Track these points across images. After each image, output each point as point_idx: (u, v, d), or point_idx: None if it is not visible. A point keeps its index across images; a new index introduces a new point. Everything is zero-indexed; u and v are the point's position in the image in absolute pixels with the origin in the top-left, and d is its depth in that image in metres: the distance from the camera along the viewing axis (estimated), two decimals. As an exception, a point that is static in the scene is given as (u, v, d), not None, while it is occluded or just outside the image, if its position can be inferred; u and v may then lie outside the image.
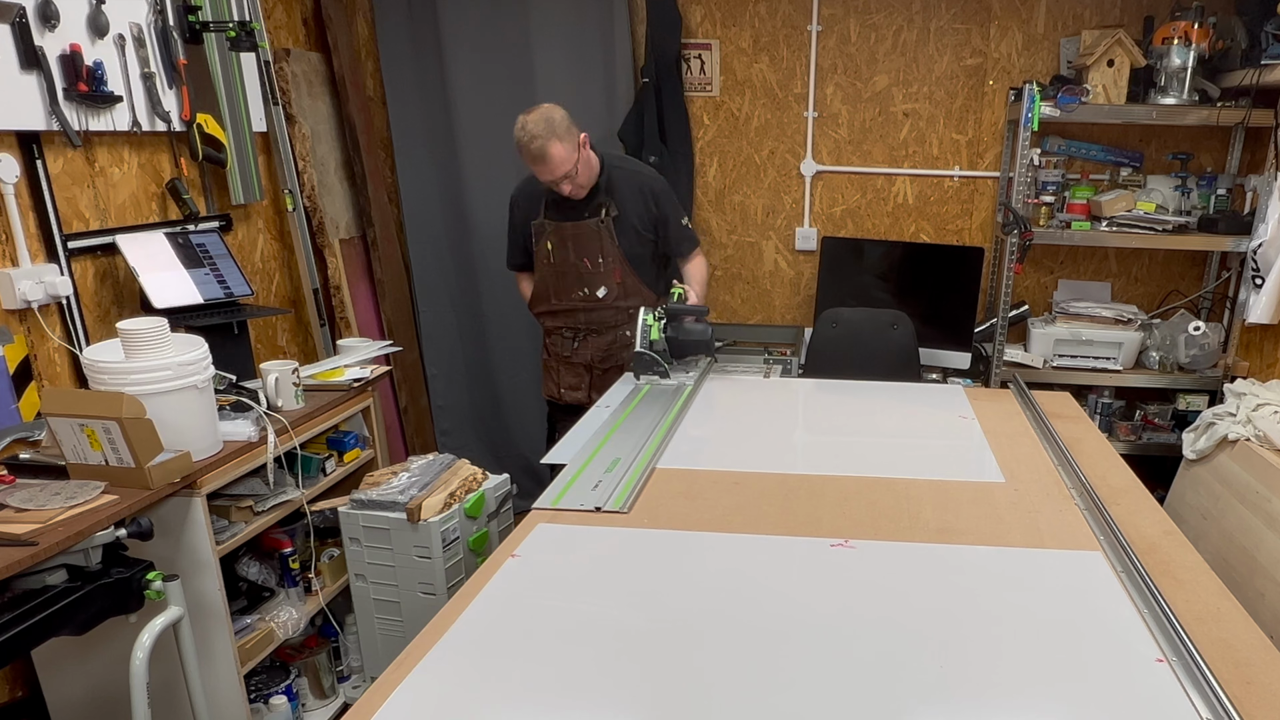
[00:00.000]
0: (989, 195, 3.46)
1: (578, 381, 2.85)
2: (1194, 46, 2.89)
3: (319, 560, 2.48)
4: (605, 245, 2.68)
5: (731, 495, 1.82)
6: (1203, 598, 1.43)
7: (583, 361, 2.83)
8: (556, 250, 2.72)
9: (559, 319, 2.84)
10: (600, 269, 2.71)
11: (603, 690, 1.20)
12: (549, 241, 2.72)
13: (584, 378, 2.84)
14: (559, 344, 2.88)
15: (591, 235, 2.68)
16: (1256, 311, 2.83)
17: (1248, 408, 2.66)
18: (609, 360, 2.81)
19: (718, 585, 1.47)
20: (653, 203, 2.71)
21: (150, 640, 1.72)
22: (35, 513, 1.65)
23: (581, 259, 2.71)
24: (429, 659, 1.25)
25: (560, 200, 2.64)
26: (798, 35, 3.36)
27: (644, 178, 2.74)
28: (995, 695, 1.19)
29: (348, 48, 3.32)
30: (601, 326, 2.78)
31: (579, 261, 2.71)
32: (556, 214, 2.70)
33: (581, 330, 2.81)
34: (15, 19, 1.95)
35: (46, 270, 2.09)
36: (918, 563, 1.54)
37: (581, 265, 2.72)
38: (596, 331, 2.79)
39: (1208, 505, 2.66)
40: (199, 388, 1.93)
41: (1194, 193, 3.20)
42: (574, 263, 2.72)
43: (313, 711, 2.53)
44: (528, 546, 1.60)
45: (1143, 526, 1.66)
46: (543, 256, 2.75)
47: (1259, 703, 1.15)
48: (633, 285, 2.74)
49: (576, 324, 2.81)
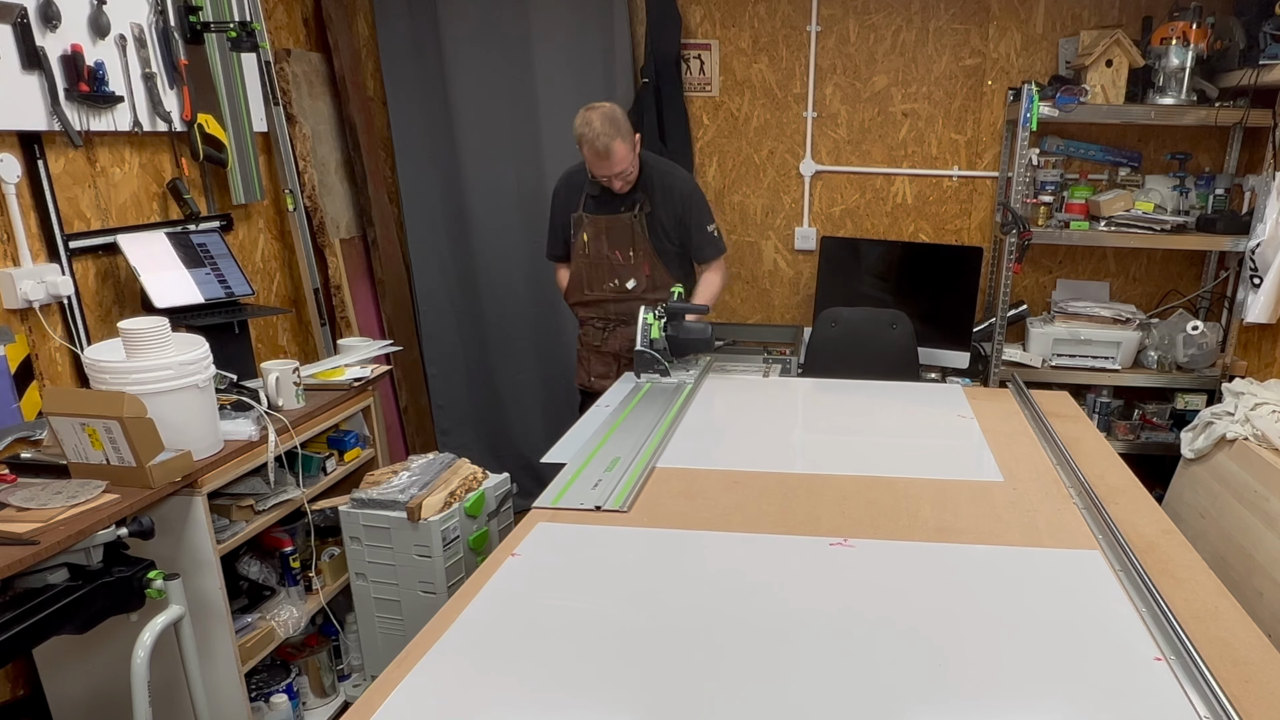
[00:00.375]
0: (988, 195, 3.47)
1: (606, 370, 2.93)
2: (1192, 47, 2.90)
3: (319, 559, 2.49)
4: (636, 239, 2.78)
5: (731, 494, 1.82)
6: (1201, 596, 1.44)
7: (612, 351, 2.92)
8: (591, 242, 2.81)
9: (591, 309, 2.92)
10: (631, 262, 2.80)
11: (602, 689, 1.21)
12: (585, 233, 2.81)
13: (612, 366, 2.92)
14: (591, 334, 2.96)
15: (624, 229, 2.78)
16: (1255, 311, 2.84)
17: (1246, 407, 2.66)
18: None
19: (717, 584, 1.48)
20: (681, 204, 2.79)
21: (151, 639, 1.72)
22: (37, 512, 1.65)
23: (614, 251, 2.80)
24: (429, 658, 1.26)
25: (598, 195, 2.76)
26: (797, 35, 3.37)
27: (676, 178, 2.82)
28: (994, 693, 1.19)
29: (348, 48, 3.32)
30: (630, 317, 2.81)
31: (611, 254, 2.81)
32: (594, 207, 2.80)
33: (612, 320, 2.90)
34: (17, 19, 1.95)
35: (48, 270, 2.10)
36: (917, 562, 1.55)
37: (614, 257, 2.81)
38: (625, 322, 2.85)
39: (1206, 504, 2.67)
40: (200, 387, 1.93)
41: (1192, 192, 3.21)
42: (606, 255, 2.81)
43: (313, 710, 2.54)
44: (528, 545, 1.60)
45: (1141, 525, 1.67)
46: (579, 248, 2.84)
47: (1257, 701, 1.16)
48: (661, 279, 2.82)
49: (607, 314, 2.90)
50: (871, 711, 1.15)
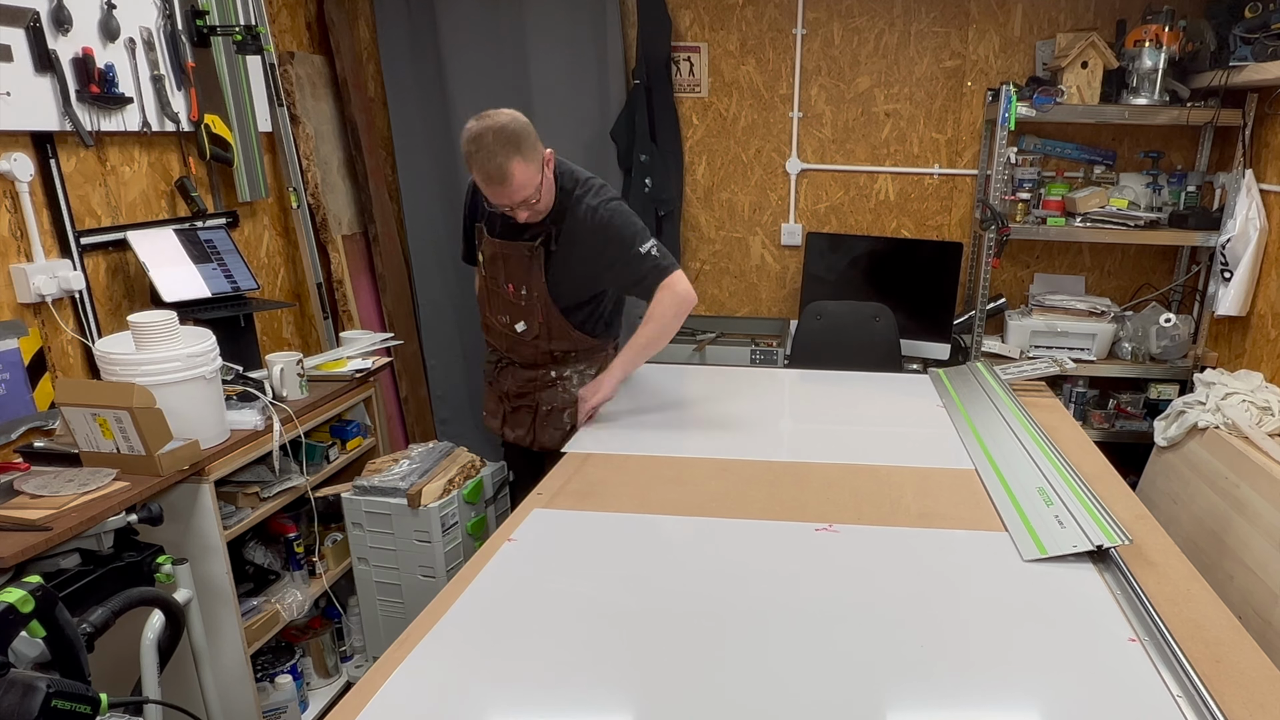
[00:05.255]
0: (967, 192, 3.51)
1: (495, 408, 2.46)
2: (1165, 49, 2.93)
3: (323, 544, 2.51)
4: (532, 277, 2.19)
5: (719, 481, 1.84)
6: (1173, 580, 1.45)
7: (500, 391, 2.43)
8: (488, 264, 2.28)
9: (490, 335, 2.41)
10: (522, 302, 2.23)
11: (596, 669, 1.22)
12: (483, 252, 2.30)
13: (501, 406, 2.43)
14: (488, 362, 2.49)
15: (521, 261, 2.19)
16: (1225, 304, 2.88)
17: (1217, 396, 2.70)
18: (524, 399, 2.38)
19: (706, 567, 1.49)
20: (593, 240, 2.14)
21: (160, 621, 1.70)
22: (50, 499, 1.68)
23: (507, 284, 2.24)
24: (429, 639, 1.28)
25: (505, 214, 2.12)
26: (783, 38, 3.40)
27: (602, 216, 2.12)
28: (974, 673, 1.21)
29: (350, 51, 3.34)
30: (523, 361, 2.35)
31: (504, 285, 2.25)
32: (495, 226, 2.22)
33: (504, 359, 2.40)
34: (30, 23, 1.98)
35: (60, 265, 2.11)
36: (899, 546, 1.57)
37: (505, 291, 2.25)
38: (519, 364, 2.37)
39: (1178, 490, 2.70)
40: (207, 378, 1.96)
41: (1165, 189, 3.24)
42: (501, 284, 2.26)
43: (317, 689, 2.57)
44: (523, 531, 1.62)
45: (1116, 511, 1.67)
46: (481, 264, 2.32)
47: (1227, 680, 1.18)
48: (559, 329, 2.26)
49: (499, 347, 2.40)
50: (855, 690, 1.17)
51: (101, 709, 1.17)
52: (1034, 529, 1.60)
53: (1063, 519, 1.61)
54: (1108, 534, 1.51)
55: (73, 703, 1.12)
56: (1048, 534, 1.56)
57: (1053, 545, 1.52)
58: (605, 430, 2.19)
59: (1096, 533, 1.52)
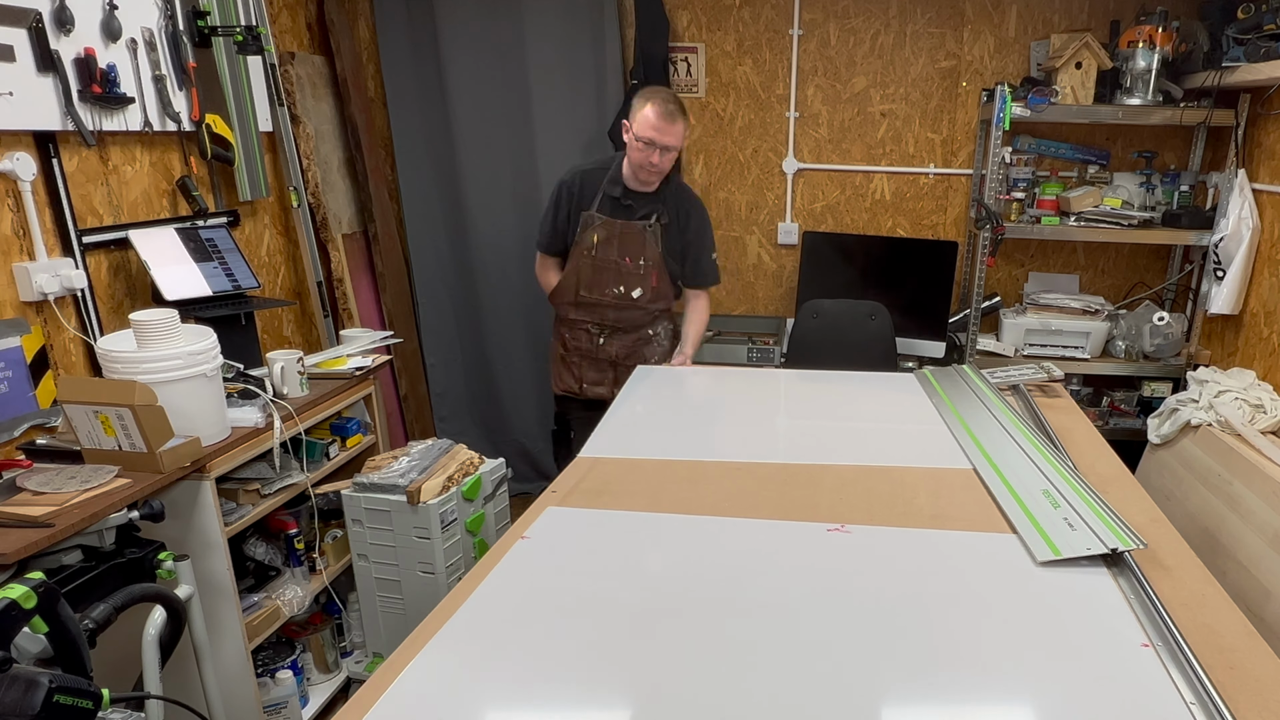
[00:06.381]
0: (962, 192, 3.52)
1: (601, 377, 2.84)
2: (1158, 49, 2.95)
3: (323, 541, 2.52)
4: (649, 249, 2.71)
5: (733, 481, 1.82)
6: (1188, 584, 1.43)
7: (608, 358, 2.83)
8: (601, 245, 2.71)
9: (584, 312, 2.79)
10: (640, 270, 2.72)
11: (610, 668, 1.21)
12: (596, 235, 2.71)
13: (608, 373, 2.83)
14: (581, 338, 2.83)
15: (638, 236, 2.71)
16: (1218, 302, 2.90)
17: (1210, 394, 2.72)
18: (633, 358, 2.82)
19: (721, 567, 1.48)
20: (693, 229, 2.76)
21: (162, 617, 1.72)
22: (52, 495, 1.68)
23: (624, 257, 2.72)
24: (441, 635, 1.26)
25: (618, 196, 2.68)
26: (780, 39, 3.42)
27: (693, 202, 2.79)
28: (987, 677, 1.20)
29: (350, 51, 3.36)
30: (629, 325, 2.79)
31: (621, 259, 2.72)
32: (611, 210, 2.71)
33: (608, 327, 2.80)
34: (32, 24, 1.99)
35: (62, 264, 2.11)
36: (912, 547, 1.54)
37: (623, 264, 2.72)
38: (623, 330, 2.80)
39: (1171, 488, 2.71)
40: (208, 376, 1.96)
41: (1158, 189, 3.25)
42: (615, 260, 2.72)
43: (317, 684, 2.58)
44: (537, 529, 1.60)
45: (1130, 514, 1.64)
46: (585, 248, 2.72)
47: (1241, 687, 1.16)
48: (664, 290, 2.77)
49: (604, 320, 2.79)
50: (867, 690, 1.16)
51: (103, 704, 1.18)
52: (1045, 531, 1.58)
53: (1072, 521, 1.59)
54: (1121, 538, 1.49)
55: (75, 698, 1.13)
56: (1059, 536, 1.54)
57: (1066, 547, 1.50)
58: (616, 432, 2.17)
59: (1110, 536, 1.51)
